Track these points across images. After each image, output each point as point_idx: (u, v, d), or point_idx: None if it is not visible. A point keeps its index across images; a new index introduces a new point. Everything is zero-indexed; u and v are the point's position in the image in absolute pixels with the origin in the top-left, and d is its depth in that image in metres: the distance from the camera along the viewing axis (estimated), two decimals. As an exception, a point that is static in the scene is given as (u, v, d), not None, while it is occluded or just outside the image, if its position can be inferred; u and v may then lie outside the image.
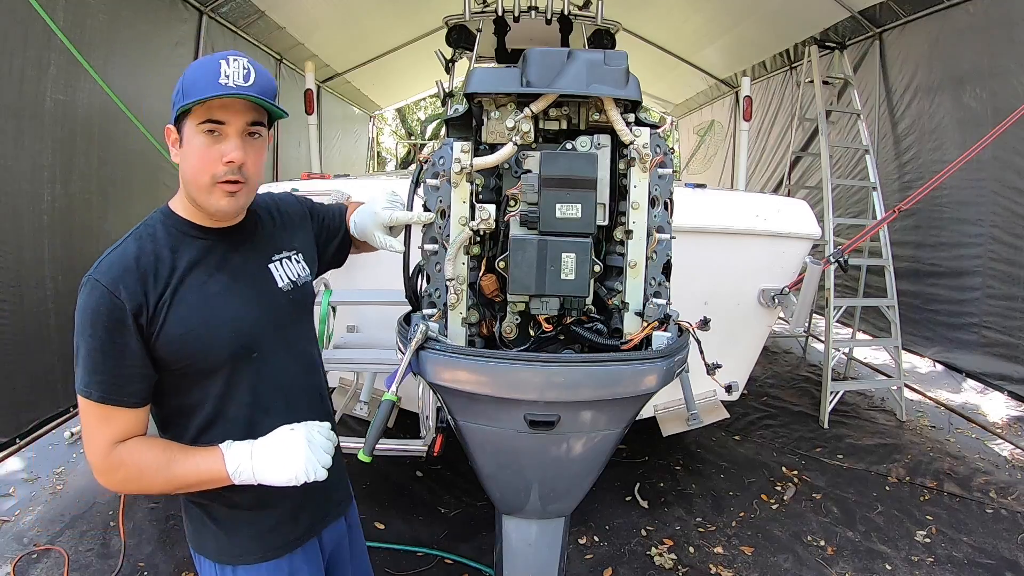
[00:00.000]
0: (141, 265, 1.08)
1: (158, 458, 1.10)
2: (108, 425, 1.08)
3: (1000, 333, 3.89)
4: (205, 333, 1.11)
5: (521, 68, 1.16)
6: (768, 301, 2.75)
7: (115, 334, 1.05)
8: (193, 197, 1.12)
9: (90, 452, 1.09)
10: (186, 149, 1.09)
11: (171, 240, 1.12)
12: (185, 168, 1.10)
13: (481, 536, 2.81)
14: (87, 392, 1.06)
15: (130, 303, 1.05)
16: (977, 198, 4.01)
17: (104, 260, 1.08)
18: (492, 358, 1.11)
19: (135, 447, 1.09)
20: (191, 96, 1.05)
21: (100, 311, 1.04)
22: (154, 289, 1.08)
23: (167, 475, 1.09)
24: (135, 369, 1.07)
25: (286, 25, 5.71)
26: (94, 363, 1.05)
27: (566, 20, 4.71)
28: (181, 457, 1.10)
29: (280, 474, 1.09)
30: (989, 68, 3.86)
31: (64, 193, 3.30)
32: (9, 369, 2.95)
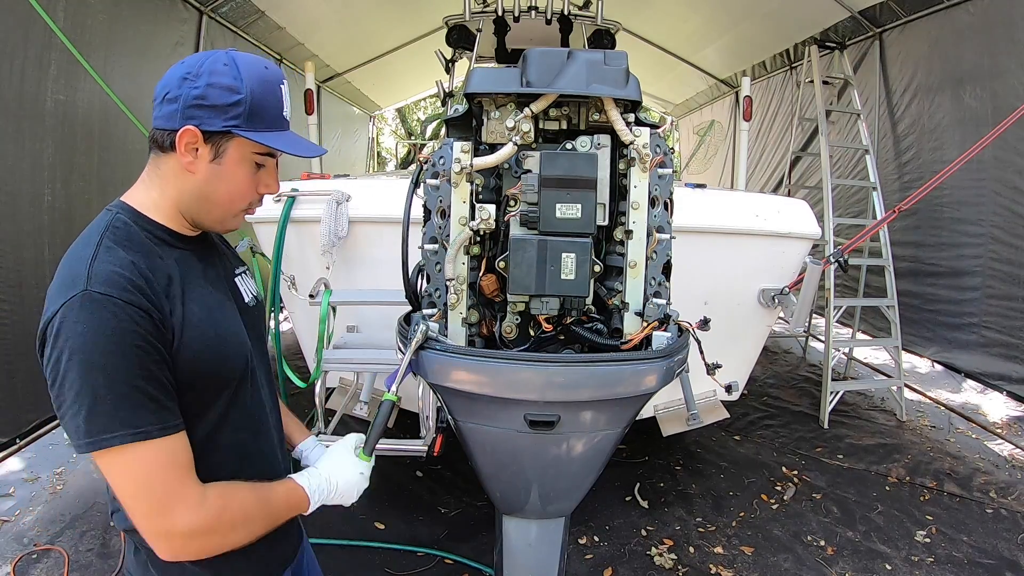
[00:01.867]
0: (143, 272, 0.92)
1: (254, 497, 0.98)
2: (179, 462, 0.90)
3: (1000, 333, 3.89)
4: (218, 350, 1.00)
5: (521, 68, 1.16)
6: (768, 301, 2.75)
7: (152, 351, 0.88)
8: (207, 215, 1.02)
9: (176, 516, 0.88)
10: (227, 170, 0.98)
11: (154, 247, 0.98)
12: (217, 188, 0.99)
13: (481, 536, 2.81)
14: (142, 433, 0.85)
15: (155, 312, 0.90)
16: (977, 198, 4.01)
17: (95, 271, 0.88)
18: (492, 358, 1.11)
19: (224, 489, 0.95)
20: (263, 125, 0.97)
21: (125, 328, 0.86)
22: (165, 300, 0.93)
23: (267, 514, 1.00)
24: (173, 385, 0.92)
25: (286, 25, 5.71)
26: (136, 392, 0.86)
27: (566, 20, 4.71)
28: (270, 494, 1.01)
29: (349, 498, 1.12)
30: (989, 68, 3.86)
31: (64, 193, 3.31)
32: (9, 369, 2.96)
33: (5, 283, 2.93)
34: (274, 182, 1.05)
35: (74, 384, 0.84)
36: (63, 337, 0.85)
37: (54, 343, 0.86)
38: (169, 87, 0.96)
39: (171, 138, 0.95)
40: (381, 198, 2.53)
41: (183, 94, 0.94)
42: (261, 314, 1.21)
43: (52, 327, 0.86)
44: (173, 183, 1.00)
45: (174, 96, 0.95)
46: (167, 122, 0.96)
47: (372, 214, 2.48)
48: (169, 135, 0.96)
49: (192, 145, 0.96)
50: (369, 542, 2.74)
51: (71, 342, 0.84)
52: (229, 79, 0.95)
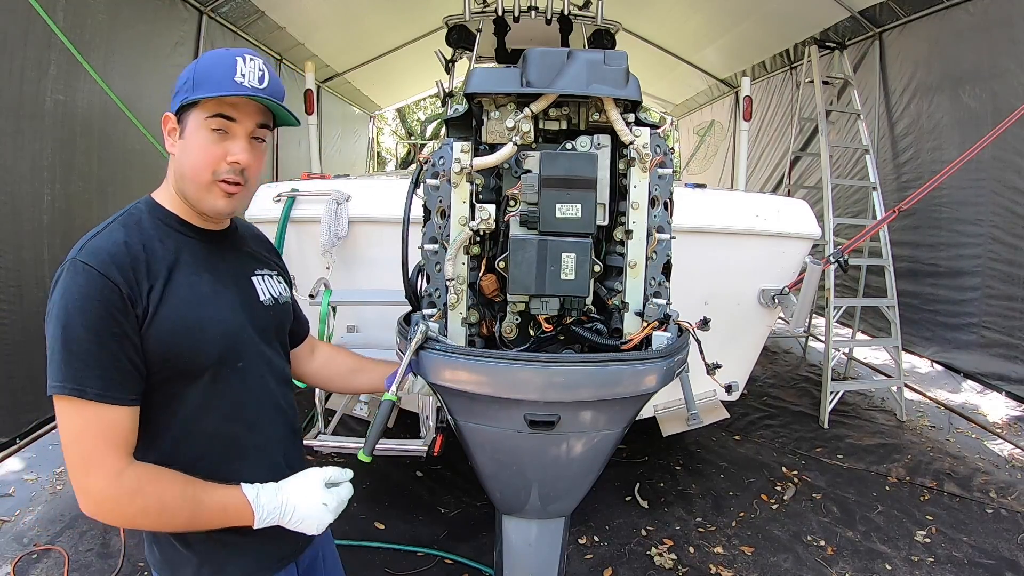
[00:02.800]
0: (131, 251, 1.00)
1: (181, 491, 0.98)
2: (111, 432, 0.95)
3: (999, 333, 3.89)
4: (196, 330, 1.03)
5: (521, 68, 1.16)
6: (768, 301, 2.75)
7: (111, 321, 0.95)
8: (187, 193, 1.07)
9: (93, 476, 0.94)
10: (188, 141, 1.04)
11: (158, 232, 1.06)
12: (184, 161, 1.05)
13: (481, 536, 2.81)
14: (79, 389, 0.92)
15: (125, 287, 0.96)
16: (976, 198, 4.01)
17: (89, 243, 0.99)
18: (492, 358, 1.11)
19: (152, 474, 0.98)
20: (205, 89, 1.01)
21: (91, 295, 0.94)
22: (146, 278, 0.99)
23: (190, 514, 0.99)
24: (132, 360, 0.97)
25: (286, 25, 5.71)
26: (86, 354, 0.93)
27: (566, 20, 4.71)
28: (204, 495, 1.00)
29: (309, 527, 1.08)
30: (989, 68, 3.86)
31: (64, 193, 3.30)
32: (9, 369, 2.96)
33: (5, 283, 2.93)
34: (240, 151, 1.05)
35: (48, 333, 0.96)
36: (54, 293, 0.98)
37: (50, 295, 0.99)
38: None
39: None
40: (381, 198, 2.53)
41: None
42: (278, 314, 1.22)
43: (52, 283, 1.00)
44: (171, 172, 1.10)
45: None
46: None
47: (372, 214, 2.48)
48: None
49: (173, 131, 1.07)
50: (369, 542, 2.74)
51: (54, 297, 0.97)
52: (190, 66, 1.06)
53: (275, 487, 1.08)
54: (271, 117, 1.10)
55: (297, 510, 1.06)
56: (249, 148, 1.07)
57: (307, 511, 1.07)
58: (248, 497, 1.03)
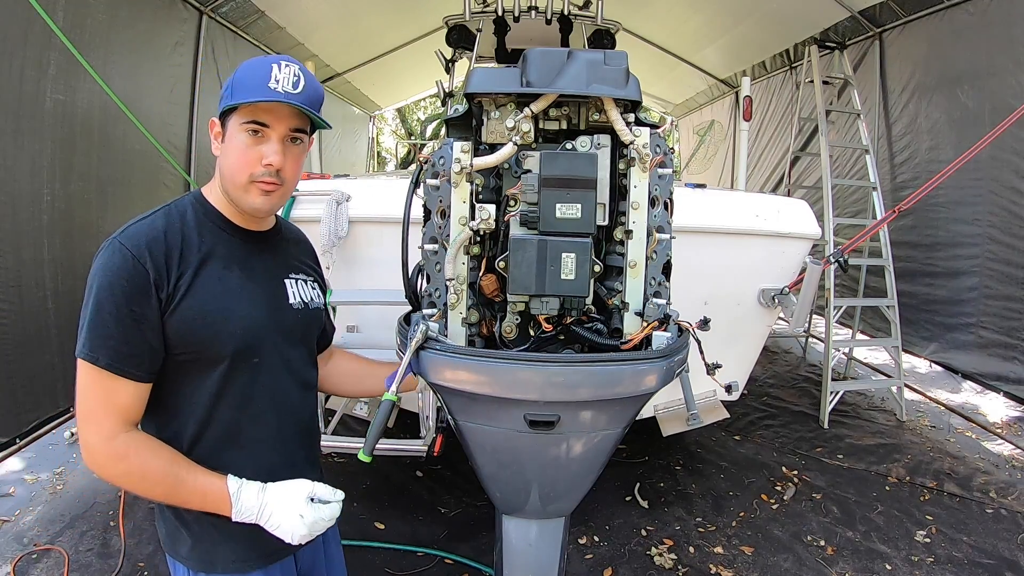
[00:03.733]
0: (168, 239, 1.08)
1: (165, 468, 1.06)
2: (112, 399, 1.04)
3: (997, 333, 3.89)
4: (218, 321, 1.10)
5: (521, 68, 1.16)
6: (768, 301, 2.75)
7: (133, 301, 1.03)
8: (228, 192, 1.14)
9: (89, 431, 1.04)
10: (228, 145, 1.11)
11: (199, 225, 1.13)
12: (224, 163, 1.13)
13: (481, 536, 2.81)
14: (93, 356, 1.02)
15: (153, 272, 1.04)
16: (974, 198, 4.00)
17: (131, 227, 1.08)
18: (492, 358, 1.11)
19: (143, 445, 1.06)
20: (239, 96, 1.08)
21: (121, 274, 1.03)
22: (177, 266, 1.07)
23: (169, 488, 1.06)
24: (148, 341, 1.05)
25: (286, 25, 5.71)
26: (106, 327, 1.02)
27: (566, 20, 4.71)
28: (187, 476, 1.07)
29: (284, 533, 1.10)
30: (989, 68, 3.86)
31: (64, 193, 3.30)
32: (9, 369, 2.95)
33: (5, 283, 2.93)
34: (272, 153, 1.10)
35: (85, 300, 1.05)
36: (94, 265, 1.06)
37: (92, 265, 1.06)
38: None
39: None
40: (381, 198, 2.53)
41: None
42: (306, 318, 1.26)
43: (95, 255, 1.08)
44: (216, 171, 1.16)
45: None
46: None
47: (372, 214, 2.48)
48: None
49: (218, 135, 1.14)
50: (369, 542, 2.74)
51: (93, 269, 1.05)
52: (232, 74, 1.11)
53: (259, 487, 1.11)
54: (307, 121, 1.15)
55: (274, 515, 1.09)
56: (282, 150, 1.12)
57: (282, 519, 1.09)
58: (230, 490, 1.08)
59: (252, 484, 1.10)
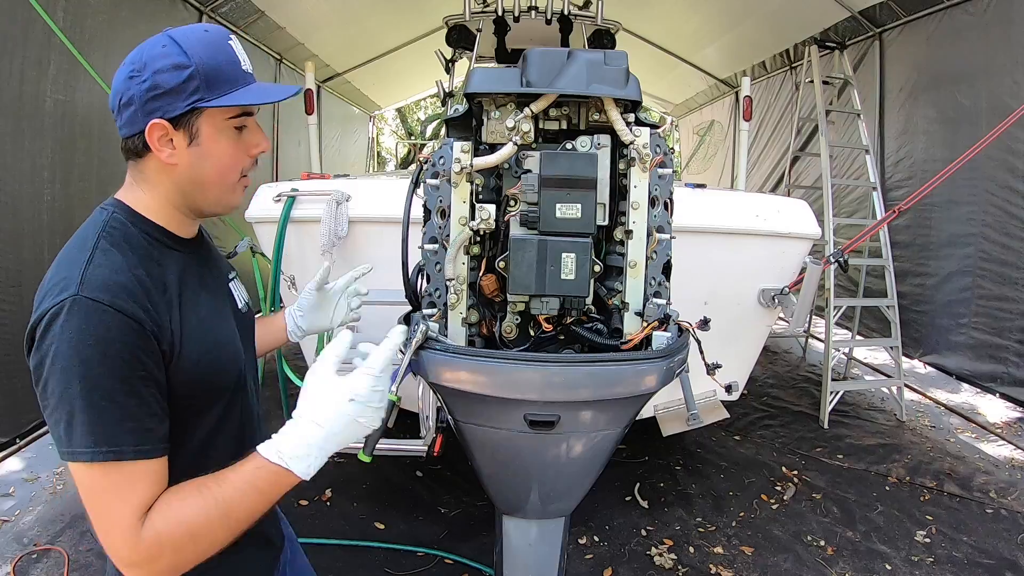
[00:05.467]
0: (139, 278, 0.87)
1: (201, 501, 0.84)
2: (136, 489, 0.82)
3: (988, 334, 3.89)
4: (215, 355, 0.96)
5: (521, 68, 1.16)
6: (768, 301, 2.75)
7: (136, 364, 0.83)
8: (206, 199, 0.98)
9: (115, 540, 0.81)
10: (208, 147, 0.94)
11: (150, 250, 0.94)
12: (203, 168, 0.95)
13: (481, 536, 2.81)
14: (115, 452, 0.80)
15: (148, 324, 0.85)
16: (969, 197, 4.00)
17: (88, 275, 0.84)
18: (492, 358, 1.11)
19: (164, 508, 0.84)
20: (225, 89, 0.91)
21: (111, 338, 0.81)
22: (164, 309, 0.89)
23: (225, 522, 0.84)
24: (161, 405, 0.87)
25: (286, 25, 5.71)
26: (117, 409, 0.81)
27: (566, 20, 4.71)
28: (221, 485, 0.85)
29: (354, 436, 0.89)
30: (988, 68, 3.87)
31: (64, 193, 3.30)
32: (9, 369, 2.95)
33: (5, 283, 2.93)
34: (262, 139, 0.99)
35: (55, 391, 0.82)
36: (48, 341, 0.82)
37: (39, 345, 0.84)
38: (120, 92, 0.92)
39: (141, 140, 0.92)
40: (381, 198, 2.53)
41: (134, 93, 0.90)
42: (251, 319, 1.19)
43: (39, 329, 0.84)
44: (159, 182, 0.96)
45: (128, 99, 0.91)
46: (132, 127, 0.92)
47: (372, 214, 2.48)
48: (139, 138, 0.92)
49: (165, 138, 0.92)
50: (369, 542, 2.74)
51: (55, 347, 0.81)
52: (173, 58, 0.89)
53: (292, 424, 0.89)
54: None
55: (329, 429, 0.86)
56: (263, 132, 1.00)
57: (336, 424, 0.87)
58: (271, 459, 0.85)
59: (283, 429, 0.88)
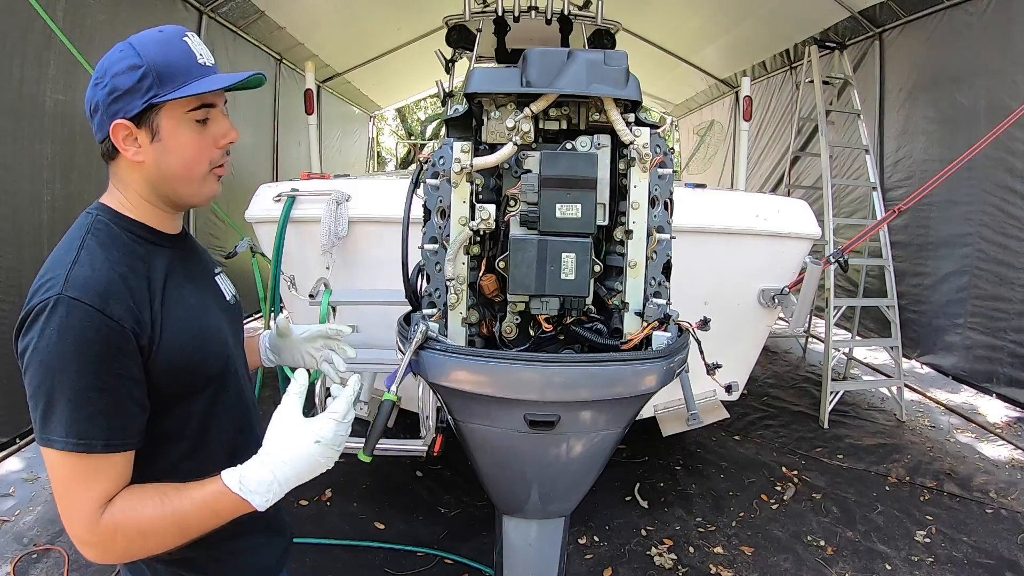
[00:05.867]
0: (123, 277, 0.92)
1: (159, 507, 0.89)
2: (99, 480, 0.88)
3: (983, 334, 3.89)
4: (199, 347, 1.00)
5: (521, 68, 1.16)
6: (768, 301, 2.75)
7: (112, 362, 0.88)
8: (177, 193, 1.01)
9: (74, 521, 0.88)
10: (170, 142, 0.96)
11: (135, 248, 0.98)
12: (170, 163, 0.97)
13: (481, 536, 2.81)
14: (85, 444, 0.86)
15: (127, 322, 0.89)
16: (967, 197, 4.00)
17: (73, 275, 0.89)
18: (492, 358, 1.11)
19: (125, 501, 0.90)
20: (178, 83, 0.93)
21: (89, 337, 0.86)
22: (147, 306, 0.93)
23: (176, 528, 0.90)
24: (135, 399, 0.91)
25: (286, 25, 5.71)
26: (90, 403, 0.86)
27: (566, 20, 4.71)
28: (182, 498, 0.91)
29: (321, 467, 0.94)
30: (988, 68, 3.87)
31: (64, 193, 3.31)
32: (9, 369, 2.95)
33: (5, 283, 2.93)
34: (230, 129, 1.01)
35: (32, 380, 0.88)
36: (31, 334, 0.87)
37: (24, 338, 0.89)
38: (88, 100, 0.97)
39: (109, 142, 0.96)
40: (381, 198, 2.53)
41: (98, 98, 0.95)
42: (240, 313, 1.22)
43: (26, 322, 0.89)
44: (131, 181, 1.00)
45: (94, 105, 0.96)
46: (101, 131, 0.96)
47: (372, 214, 2.48)
48: (108, 141, 0.96)
49: (130, 137, 0.95)
50: (369, 542, 2.74)
51: (35, 340, 0.87)
52: (128, 60, 0.93)
53: (258, 460, 0.94)
54: None
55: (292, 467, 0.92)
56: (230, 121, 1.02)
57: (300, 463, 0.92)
58: (231, 488, 0.90)
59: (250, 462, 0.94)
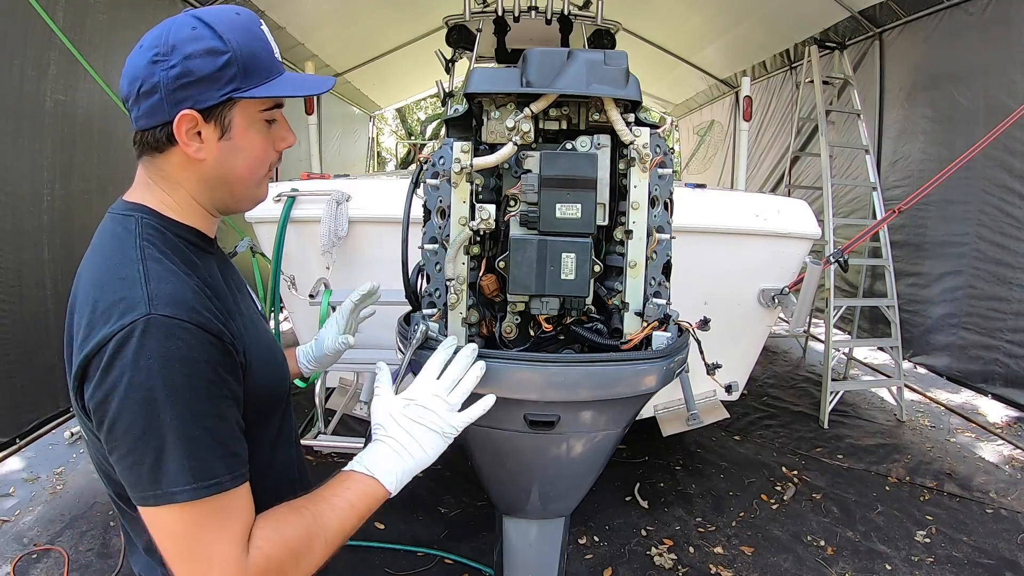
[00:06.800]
0: (200, 287, 0.81)
1: (303, 523, 0.80)
2: (233, 520, 0.75)
3: (979, 334, 3.89)
4: (272, 361, 0.92)
5: (521, 68, 1.16)
6: (768, 301, 2.75)
7: (222, 384, 0.77)
8: (233, 196, 0.91)
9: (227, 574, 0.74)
10: (240, 140, 0.86)
11: (191, 255, 0.86)
12: (235, 163, 0.87)
13: (481, 536, 2.81)
14: (216, 484, 0.73)
15: (227, 335, 0.78)
16: (965, 196, 4.00)
17: (154, 291, 0.75)
18: (492, 358, 1.11)
19: (265, 530, 0.78)
20: (261, 78, 0.84)
21: (196, 357, 0.74)
22: (227, 315, 0.82)
23: (323, 535, 0.81)
24: (241, 425, 0.81)
25: (286, 25, 5.71)
26: (210, 436, 0.74)
27: (566, 20, 4.71)
28: (323, 506, 0.83)
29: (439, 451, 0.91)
30: (988, 68, 3.87)
31: (64, 193, 3.30)
32: (9, 369, 2.95)
33: (5, 283, 2.93)
34: (289, 133, 0.93)
35: (134, 427, 0.71)
36: (116, 371, 0.71)
37: (104, 376, 0.72)
38: (141, 78, 0.82)
39: (166, 132, 0.83)
40: (381, 198, 2.53)
41: (160, 79, 0.81)
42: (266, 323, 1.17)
43: (101, 358, 0.72)
44: (183, 180, 0.88)
45: (151, 86, 0.81)
46: (154, 117, 0.83)
47: (372, 214, 2.48)
48: (163, 130, 0.83)
49: (193, 130, 0.83)
50: (369, 542, 2.74)
51: (128, 377, 0.70)
52: (207, 42, 0.81)
53: (381, 445, 0.89)
54: None
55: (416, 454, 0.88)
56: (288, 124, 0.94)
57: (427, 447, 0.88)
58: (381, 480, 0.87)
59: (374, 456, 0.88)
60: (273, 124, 0.91)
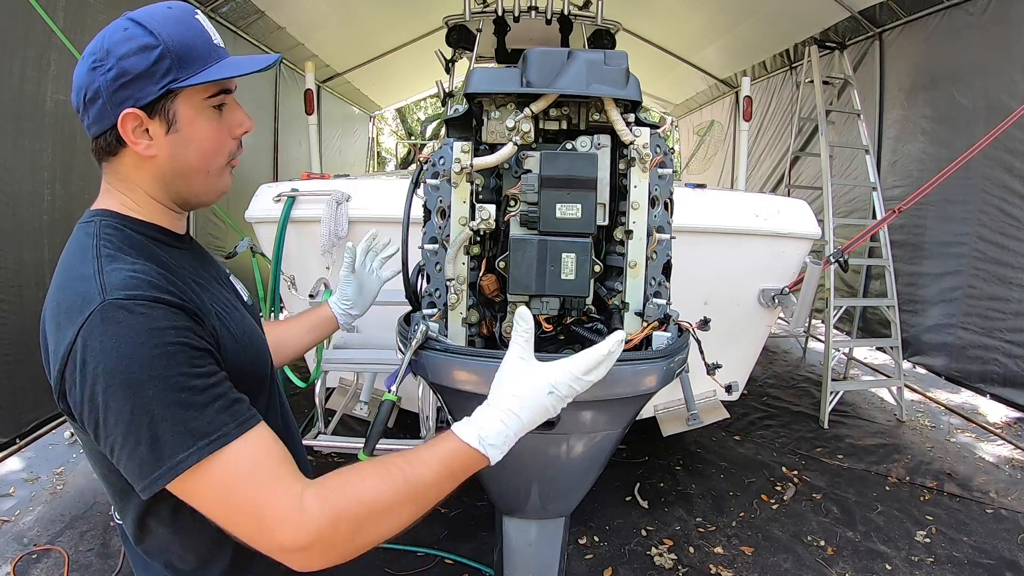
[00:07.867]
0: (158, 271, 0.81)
1: (386, 478, 0.78)
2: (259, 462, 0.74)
3: (978, 334, 3.89)
4: (249, 346, 0.90)
5: (521, 68, 1.16)
6: (768, 301, 2.75)
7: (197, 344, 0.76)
8: (191, 188, 0.90)
9: (272, 532, 0.72)
10: (188, 132, 0.86)
11: (155, 249, 0.87)
12: (187, 155, 0.87)
13: (481, 536, 2.81)
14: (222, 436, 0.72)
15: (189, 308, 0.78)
16: (964, 196, 4.00)
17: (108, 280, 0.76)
18: (492, 358, 1.11)
19: (336, 481, 0.77)
20: (199, 66, 0.83)
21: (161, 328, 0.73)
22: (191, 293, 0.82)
23: (414, 496, 0.79)
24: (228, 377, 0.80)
25: (286, 25, 5.71)
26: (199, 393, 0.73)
27: (566, 20, 4.71)
28: (418, 466, 0.80)
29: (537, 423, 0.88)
30: (988, 68, 3.87)
31: (64, 193, 3.31)
32: (9, 369, 2.95)
33: (5, 283, 2.93)
34: (245, 118, 0.92)
35: (123, 414, 0.70)
36: (90, 367, 0.71)
37: (81, 377, 0.72)
38: (84, 86, 0.85)
39: (114, 134, 0.85)
40: (381, 198, 2.53)
41: (100, 84, 0.83)
42: (258, 314, 1.17)
43: (73, 360, 0.72)
44: (139, 179, 0.89)
45: (93, 92, 0.84)
46: (102, 122, 0.85)
47: (372, 214, 2.48)
48: (111, 133, 0.85)
49: (140, 128, 0.84)
50: (369, 542, 2.74)
51: (103, 365, 0.70)
52: (139, 40, 0.82)
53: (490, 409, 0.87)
54: None
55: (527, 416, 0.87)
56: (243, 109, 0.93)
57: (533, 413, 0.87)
58: (470, 443, 0.83)
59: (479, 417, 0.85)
60: (224, 110, 0.90)
